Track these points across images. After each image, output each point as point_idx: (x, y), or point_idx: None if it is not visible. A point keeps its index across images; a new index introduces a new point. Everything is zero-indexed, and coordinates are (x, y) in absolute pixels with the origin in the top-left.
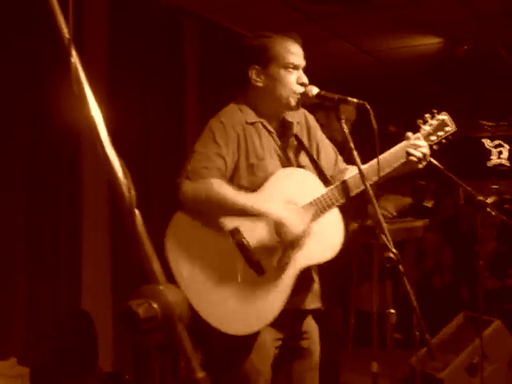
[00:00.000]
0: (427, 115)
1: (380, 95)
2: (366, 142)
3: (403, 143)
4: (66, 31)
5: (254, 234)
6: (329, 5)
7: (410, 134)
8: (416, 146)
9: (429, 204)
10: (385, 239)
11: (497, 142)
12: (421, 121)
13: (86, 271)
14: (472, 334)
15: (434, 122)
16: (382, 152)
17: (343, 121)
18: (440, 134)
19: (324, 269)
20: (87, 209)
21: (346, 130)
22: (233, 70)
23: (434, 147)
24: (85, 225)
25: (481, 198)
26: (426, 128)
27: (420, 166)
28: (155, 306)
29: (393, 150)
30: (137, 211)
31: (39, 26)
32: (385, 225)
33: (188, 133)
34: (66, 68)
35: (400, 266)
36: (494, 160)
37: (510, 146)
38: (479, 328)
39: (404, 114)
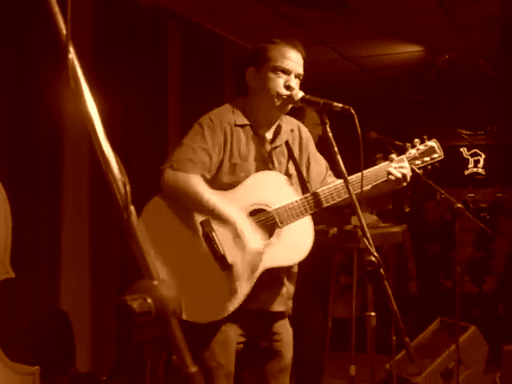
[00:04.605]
0: (416, 140)
1: (360, 102)
2: (343, 148)
3: (386, 163)
4: (63, 28)
5: (224, 227)
6: (312, 10)
7: (394, 155)
8: (398, 167)
9: (406, 209)
10: (367, 243)
11: (474, 151)
12: (409, 144)
13: (64, 271)
14: (448, 340)
15: (422, 148)
16: (364, 163)
17: (328, 125)
18: (426, 159)
19: (304, 271)
20: (67, 209)
21: (330, 134)
22: (215, 71)
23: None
24: (64, 224)
25: (459, 205)
26: (412, 151)
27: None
28: (149, 301)
29: (374, 168)
30: (132, 207)
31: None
32: (367, 229)
33: (170, 131)
34: (57, 61)
35: (381, 270)
36: (471, 169)
37: (486, 155)
38: (455, 334)
39: (384, 121)
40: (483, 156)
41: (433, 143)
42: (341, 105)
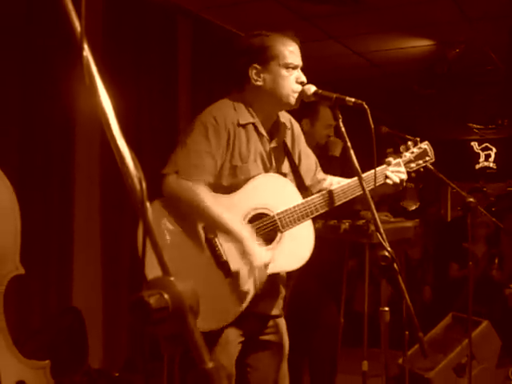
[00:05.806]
0: (410, 143)
1: (370, 96)
2: (354, 143)
3: (383, 167)
4: (77, 25)
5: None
6: (321, 5)
7: (391, 159)
8: (395, 171)
9: (414, 206)
10: (380, 238)
11: (485, 145)
12: (404, 147)
13: (76, 268)
14: (460, 335)
15: (416, 151)
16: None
17: (340, 120)
18: (419, 162)
19: (317, 268)
20: (79, 205)
21: (344, 129)
22: (225, 66)
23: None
24: (76, 221)
25: (471, 199)
26: (408, 155)
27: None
28: (166, 296)
29: (372, 171)
30: (148, 204)
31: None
32: (380, 224)
33: (180, 127)
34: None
35: (395, 265)
36: (482, 163)
37: (497, 149)
38: (468, 329)
39: (393, 115)
40: (494, 150)
41: (425, 145)
42: (353, 99)
